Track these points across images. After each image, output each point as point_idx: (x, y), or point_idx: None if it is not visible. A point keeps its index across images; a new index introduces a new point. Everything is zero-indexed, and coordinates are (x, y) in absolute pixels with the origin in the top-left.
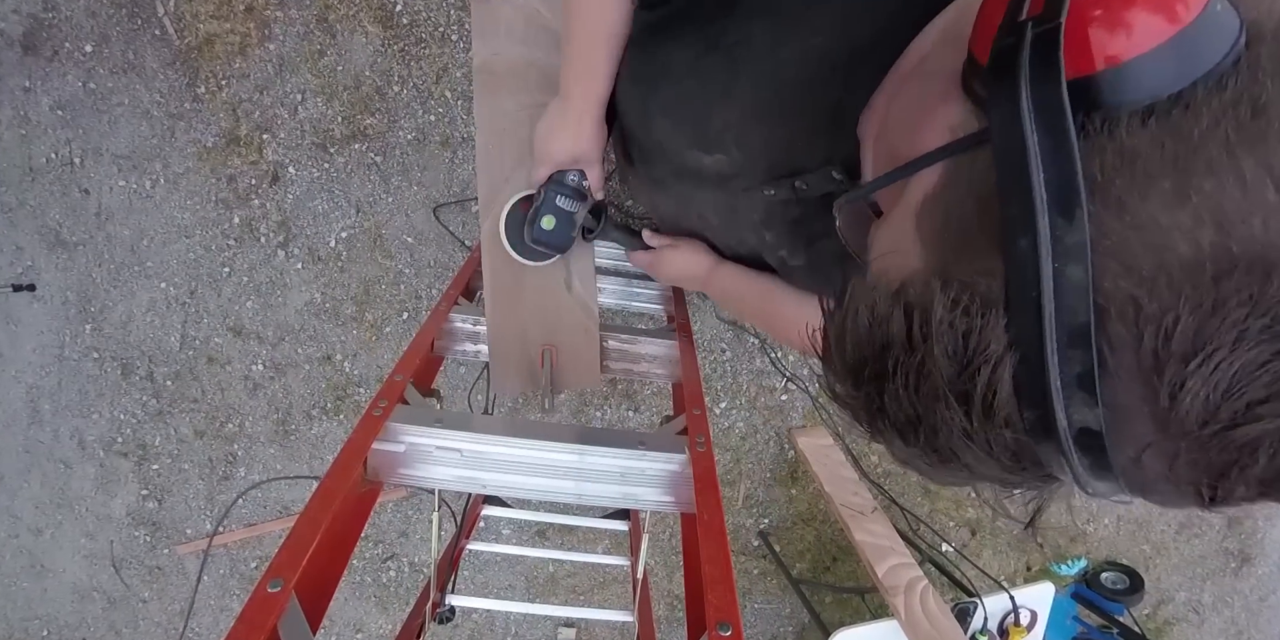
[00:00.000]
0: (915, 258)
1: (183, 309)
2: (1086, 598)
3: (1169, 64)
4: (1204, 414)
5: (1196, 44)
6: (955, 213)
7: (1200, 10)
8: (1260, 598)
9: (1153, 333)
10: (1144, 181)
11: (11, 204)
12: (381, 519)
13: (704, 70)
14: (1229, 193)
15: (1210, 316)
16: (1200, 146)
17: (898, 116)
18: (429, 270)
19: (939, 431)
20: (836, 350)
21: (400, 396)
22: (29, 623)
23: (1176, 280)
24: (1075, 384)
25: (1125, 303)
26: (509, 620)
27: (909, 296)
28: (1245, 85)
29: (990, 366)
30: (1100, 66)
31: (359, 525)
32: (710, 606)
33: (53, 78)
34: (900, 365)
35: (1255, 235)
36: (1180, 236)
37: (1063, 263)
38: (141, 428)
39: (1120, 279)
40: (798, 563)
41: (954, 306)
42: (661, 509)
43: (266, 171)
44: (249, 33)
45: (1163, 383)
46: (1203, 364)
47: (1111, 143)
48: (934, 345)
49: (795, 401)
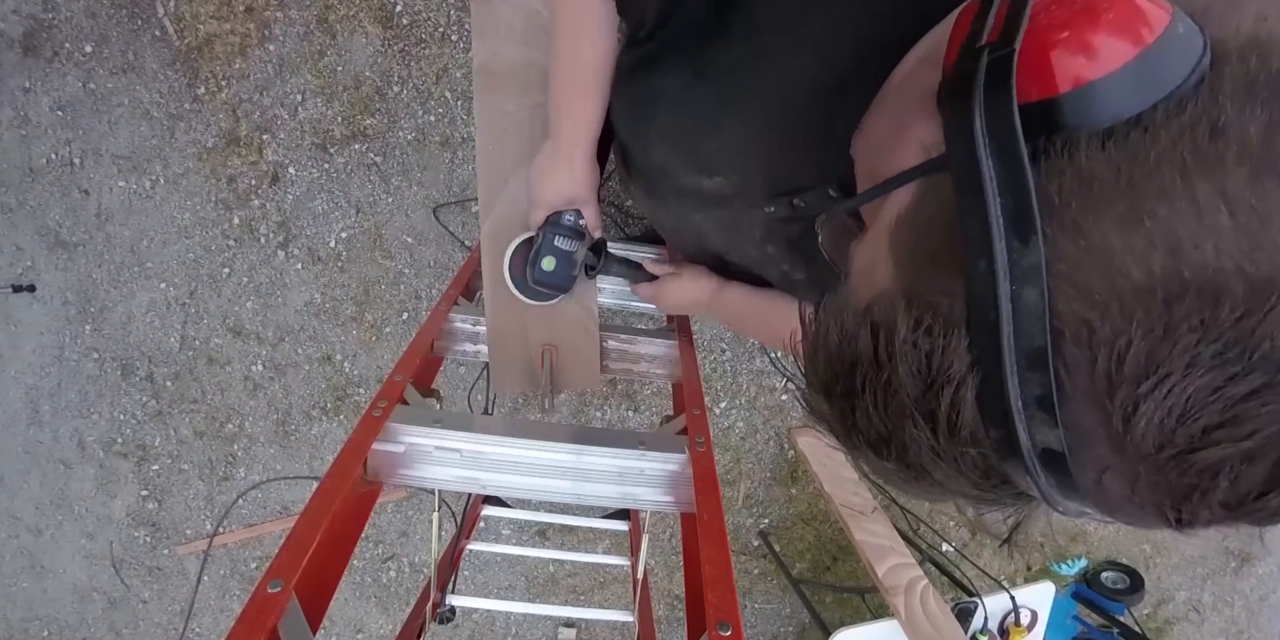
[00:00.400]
0: (886, 276)
1: (182, 309)
2: (1087, 597)
3: (1129, 86)
4: (1159, 438)
5: (1158, 66)
6: (925, 232)
7: (1162, 32)
8: (1260, 597)
9: (1106, 355)
10: (1099, 205)
11: (11, 204)
12: (381, 519)
13: (694, 99)
14: (1182, 217)
15: (1162, 341)
16: (1155, 170)
17: (877, 134)
18: (429, 270)
19: (909, 448)
20: (810, 365)
21: (400, 397)
22: (29, 623)
23: (1129, 304)
24: (1035, 405)
25: (1079, 326)
26: (509, 620)
27: (875, 315)
28: (1205, 107)
29: (953, 386)
30: (1061, 89)
31: (359, 525)
32: (710, 606)
33: (53, 78)
34: (868, 383)
35: (1207, 260)
36: (1133, 260)
37: (1019, 285)
38: (141, 428)
39: (1074, 302)
40: (798, 562)
41: (917, 326)
42: (661, 509)
43: (266, 172)
44: (249, 33)
45: (1116, 406)
46: (1155, 387)
47: (1070, 165)
48: (899, 364)
49: (795, 401)
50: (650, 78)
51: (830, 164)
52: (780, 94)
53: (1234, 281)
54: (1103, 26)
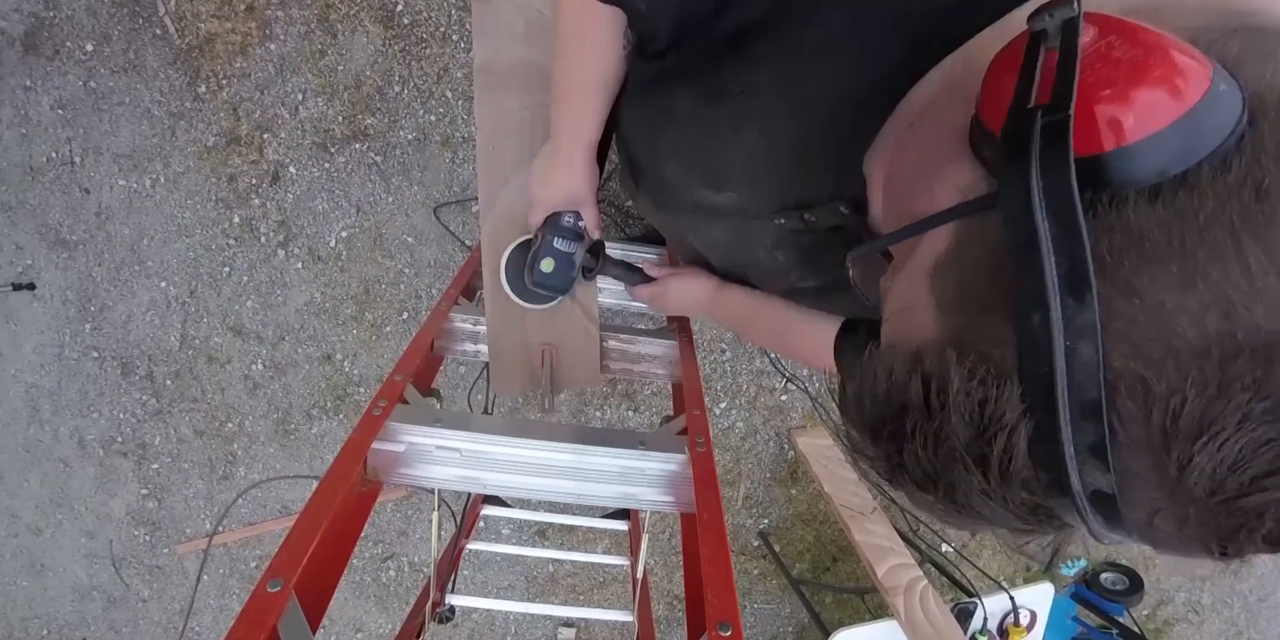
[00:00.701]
0: (930, 320)
1: (182, 308)
2: (1086, 598)
3: (1174, 145)
4: (1211, 485)
5: (1201, 125)
6: (969, 278)
7: (1204, 91)
8: (1260, 598)
9: (1161, 411)
10: (1151, 265)
11: (12, 203)
12: (381, 518)
13: (706, 119)
14: (1233, 279)
15: (1216, 399)
16: (1205, 230)
17: (906, 167)
18: (429, 270)
19: (957, 488)
20: (855, 408)
21: (400, 396)
22: (29, 622)
23: (1184, 363)
24: (1088, 452)
25: (1135, 381)
26: (509, 620)
27: (925, 365)
28: (1249, 167)
29: (1006, 433)
30: (1107, 147)
31: (359, 525)
32: (710, 606)
33: (53, 77)
34: (919, 429)
35: (1259, 323)
36: (1187, 321)
37: (1073, 341)
38: (141, 427)
39: (1129, 360)
40: (797, 563)
41: (970, 377)
42: (661, 509)
43: (267, 171)
44: (250, 32)
45: (1171, 457)
46: (1209, 442)
47: (1120, 222)
48: (951, 413)
49: (795, 402)
50: (663, 94)
51: (842, 182)
52: (793, 117)
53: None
54: (1148, 85)
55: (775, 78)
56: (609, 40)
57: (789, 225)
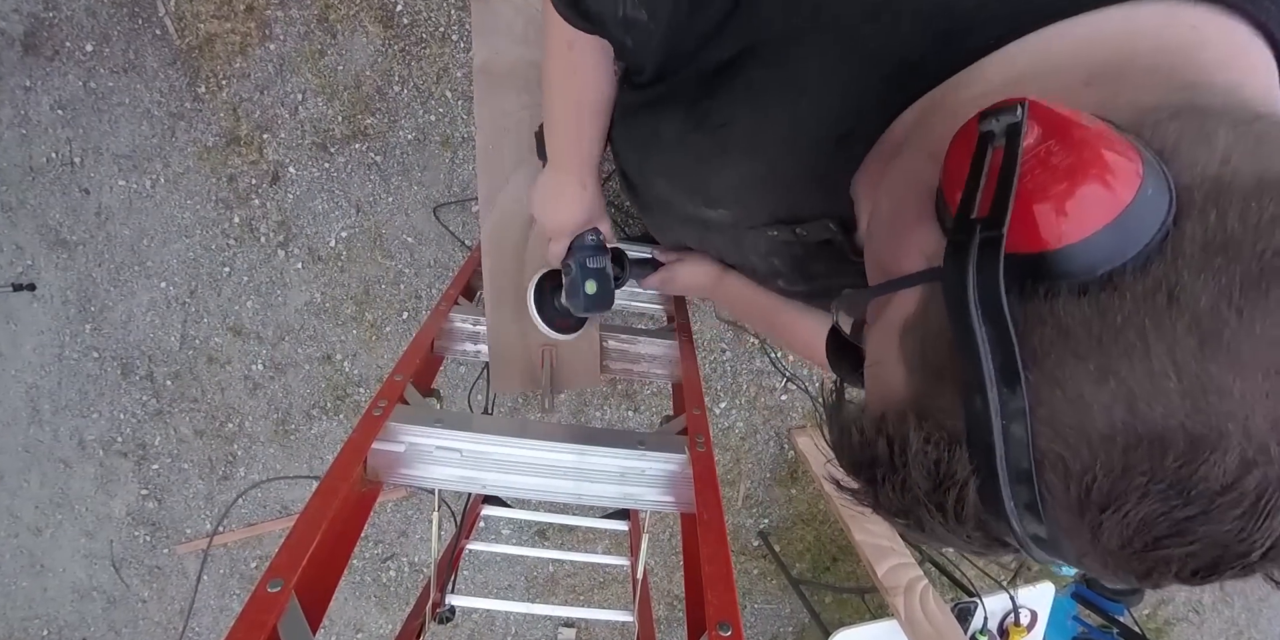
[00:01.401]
0: (900, 379)
1: (183, 308)
2: (1087, 597)
3: (1102, 247)
4: (1122, 541)
5: (1127, 229)
6: (929, 345)
7: (1133, 197)
8: (1260, 598)
9: (1076, 485)
10: (1073, 360)
11: (12, 203)
12: (381, 519)
13: (693, 144)
14: (1139, 379)
15: (1120, 479)
16: (1121, 331)
17: (882, 217)
18: (429, 270)
19: (923, 523)
20: (835, 452)
21: (400, 396)
22: (29, 622)
23: (1094, 447)
24: (1024, 508)
25: (1056, 459)
26: (509, 620)
27: (890, 428)
28: (1165, 271)
29: (958, 487)
30: (1042, 248)
31: (359, 525)
32: (710, 606)
33: (53, 77)
34: (887, 478)
35: (1156, 418)
36: (1099, 411)
37: (1008, 421)
38: (141, 427)
39: (1052, 441)
40: (798, 563)
41: (926, 440)
42: (661, 509)
43: (267, 171)
44: (249, 32)
45: (1085, 521)
46: (1115, 512)
47: (1050, 316)
48: (912, 468)
49: (795, 401)
50: (650, 120)
51: (830, 202)
52: (774, 149)
53: (1176, 437)
54: (1081, 195)
55: (754, 114)
56: (601, 69)
57: (781, 236)
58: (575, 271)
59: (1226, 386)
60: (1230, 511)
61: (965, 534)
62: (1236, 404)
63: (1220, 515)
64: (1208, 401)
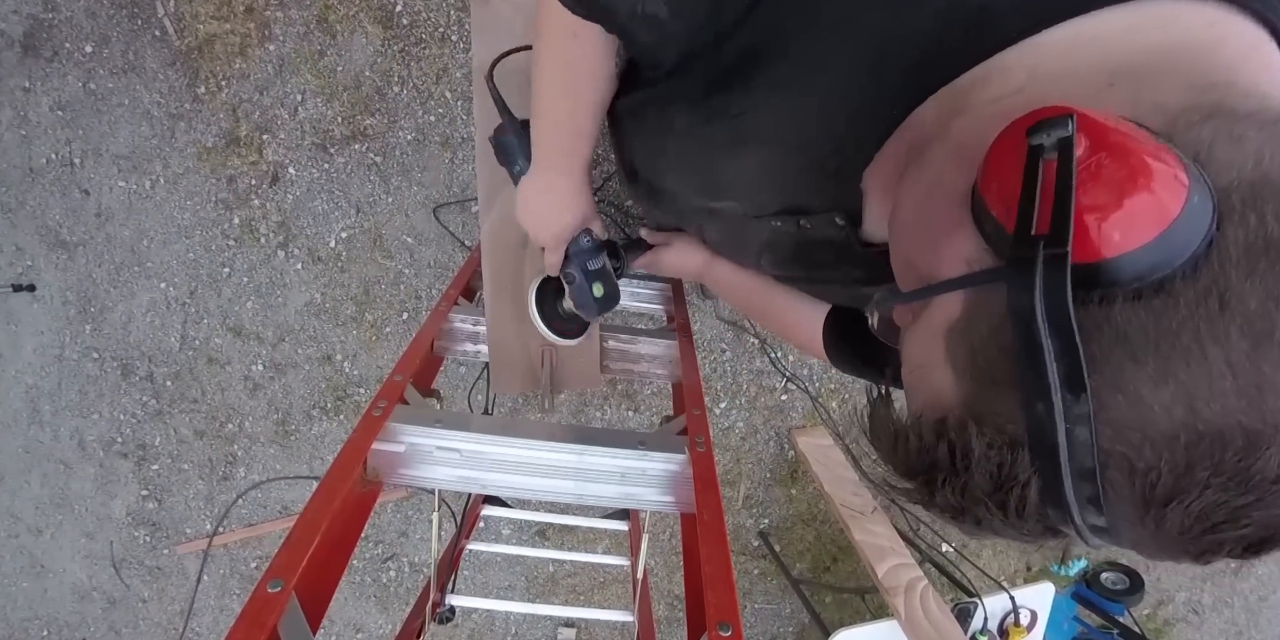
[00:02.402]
0: (948, 383)
1: (182, 309)
2: (1086, 598)
3: (1154, 256)
4: (1182, 529)
5: (1177, 237)
6: (980, 350)
7: (1181, 207)
8: (1260, 598)
9: (1141, 482)
10: (1132, 364)
11: (11, 204)
12: (381, 519)
13: (705, 136)
14: (1197, 381)
15: (1182, 475)
16: (1177, 335)
17: (910, 220)
18: (429, 270)
19: (981, 520)
20: (889, 458)
21: (400, 397)
22: (29, 623)
23: (1158, 446)
24: (1086, 502)
25: (1120, 459)
26: (509, 620)
27: (950, 434)
28: (1214, 276)
29: (1020, 487)
30: (1098, 258)
31: (359, 525)
32: (710, 606)
33: (53, 78)
34: (947, 481)
35: (1215, 417)
36: (1161, 412)
37: (1071, 425)
38: (141, 428)
39: (1115, 442)
40: (798, 563)
41: (989, 446)
42: (661, 509)
43: (266, 172)
44: (249, 33)
45: (1149, 513)
46: (1178, 505)
47: (1107, 322)
48: (974, 472)
49: (795, 401)
50: (662, 112)
51: (840, 195)
52: (789, 140)
53: (1235, 433)
54: (1134, 207)
55: (771, 105)
56: (604, 62)
57: (785, 227)
58: (579, 278)
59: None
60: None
61: (1023, 528)
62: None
63: (1274, 501)
64: (1263, 399)
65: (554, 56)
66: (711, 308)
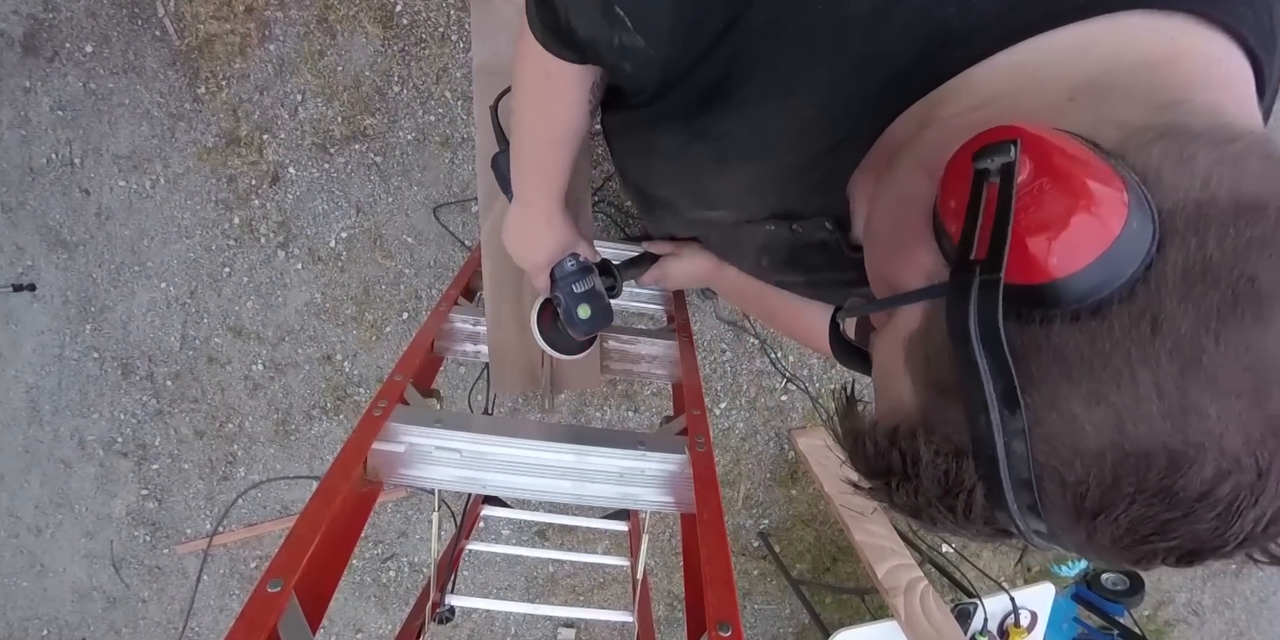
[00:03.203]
0: (907, 395)
1: (183, 309)
2: (1087, 599)
3: (1093, 279)
4: (1114, 539)
5: (1115, 261)
6: (934, 362)
7: (1120, 230)
8: (1261, 599)
9: (1071, 494)
10: (1067, 384)
11: (12, 204)
12: (381, 519)
13: (691, 155)
14: (1126, 402)
15: (1110, 489)
16: (1110, 358)
17: (878, 229)
18: (429, 270)
19: (935, 521)
20: (852, 460)
21: (400, 397)
22: (29, 622)
23: (1087, 462)
24: (1026, 509)
25: (1053, 471)
26: (509, 620)
27: (901, 442)
28: (1149, 300)
29: (966, 492)
30: (1037, 280)
31: (359, 525)
32: (710, 606)
33: (53, 78)
34: (901, 484)
35: (1141, 438)
36: (1091, 431)
37: (1009, 439)
38: (141, 428)
39: (1048, 456)
40: (798, 563)
41: (936, 454)
42: (661, 509)
43: (266, 172)
44: (249, 33)
45: (1080, 523)
46: (1106, 516)
47: (1046, 343)
48: (923, 477)
49: (795, 402)
50: (648, 133)
51: (827, 202)
52: (772, 155)
53: (1159, 453)
54: (1072, 232)
55: (751, 123)
56: (577, 100)
57: (779, 231)
58: (565, 301)
59: (1204, 409)
60: (1207, 514)
61: (974, 529)
62: (1214, 423)
63: (1198, 517)
64: (1187, 422)
65: (529, 97)
66: (711, 308)
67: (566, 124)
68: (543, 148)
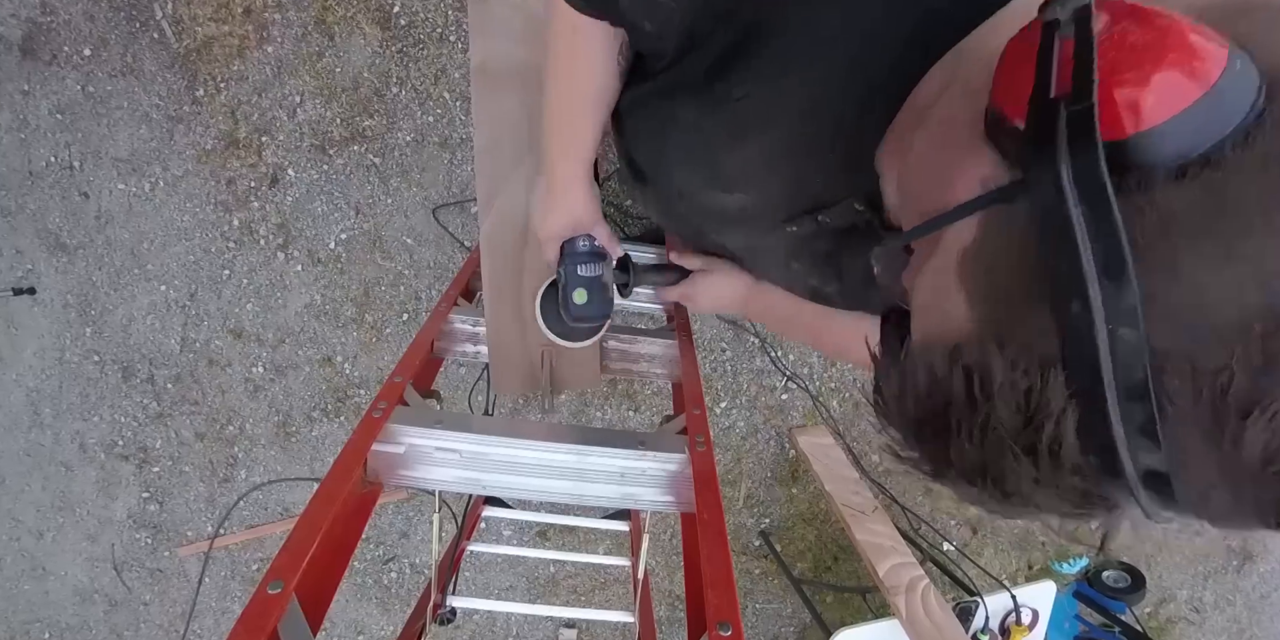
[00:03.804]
0: (963, 313)
1: (183, 312)
2: (1088, 596)
3: (1196, 125)
4: (1265, 457)
5: (1221, 104)
6: (999, 269)
7: (1222, 70)
8: (1262, 595)
9: (1210, 389)
10: (1185, 244)
11: (11, 208)
12: (382, 520)
13: (709, 126)
14: (1266, 254)
15: (1262, 374)
16: (1234, 207)
17: (917, 167)
18: (428, 271)
19: (1006, 478)
20: (896, 408)
21: (400, 398)
22: (30, 626)
23: (1227, 339)
24: (1138, 432)
25: (1181, 360)
26: (510, 621)
27: (965, 359)
28: (1271, 142)
29: (1054, 420)
30: (1131, 131)
31: (359, 527)
32: (710, 606)
33: (51, 81)
34: (964, 423)
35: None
36: (1227, 297)
37: (1116, 325)
38: (142, 430)
39: (1173, 339)
40: (799, 562)
41: (1013, 367)
42: (662, 509)
43: (265, 174)
44: (247, 35)
45: (1224, 433)
46: (1260, 416)
47: (1149, 204)
48: (996, 404)
49: (796, 401)
50: (665, 105)
51: (855, 179)
52: (796, 120)
53: None
54: (1166, 68)
55: (772, 85)
56: (604, 58)
57: (802, 231)
58: (564, 279)
59: None
60: None
61: (1058, 484)
62: None
63: None
64: None
65: (557, 53)
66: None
67: (592, 82)
68: (568, 107)
